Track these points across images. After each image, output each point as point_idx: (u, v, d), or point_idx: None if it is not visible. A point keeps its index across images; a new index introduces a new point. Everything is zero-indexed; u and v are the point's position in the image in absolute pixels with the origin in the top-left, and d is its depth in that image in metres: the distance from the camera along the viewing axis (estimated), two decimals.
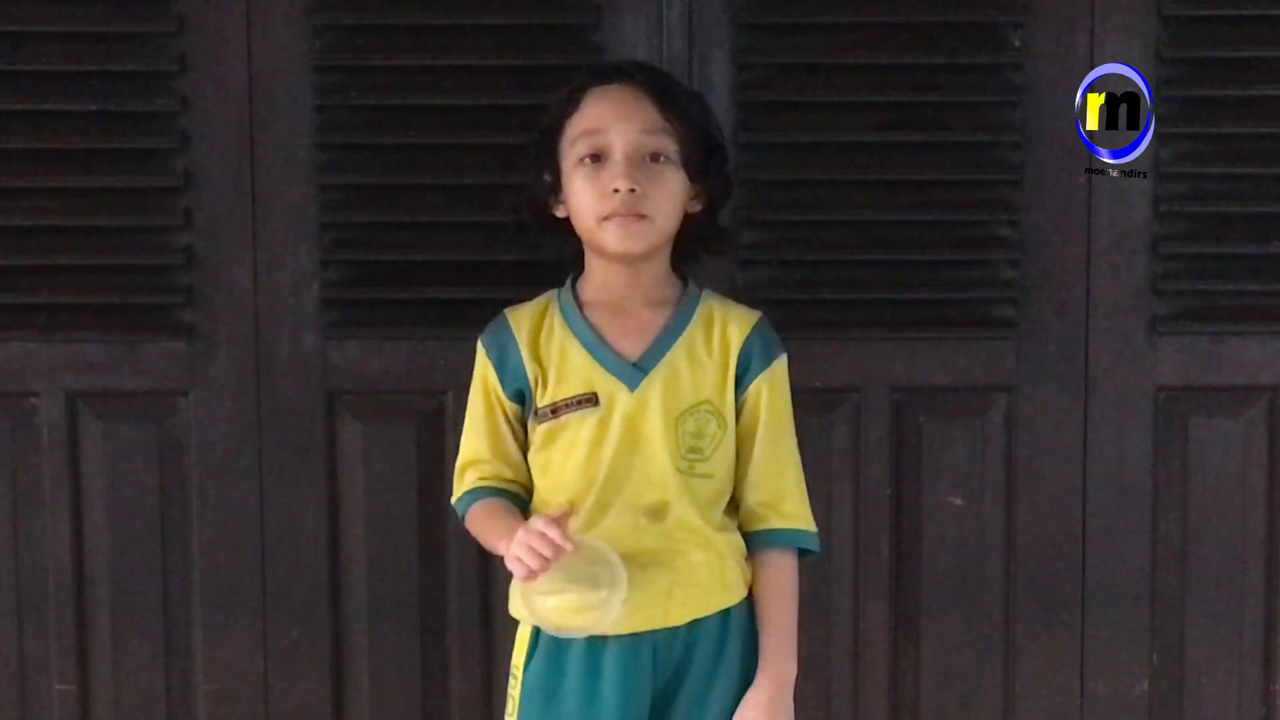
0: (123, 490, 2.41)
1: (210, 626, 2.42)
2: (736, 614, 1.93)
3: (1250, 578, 2.42)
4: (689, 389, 1.92)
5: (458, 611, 2.42)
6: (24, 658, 2.41)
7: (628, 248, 1.88)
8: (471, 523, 2.00)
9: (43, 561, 2.41)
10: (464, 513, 2.00)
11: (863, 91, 2.34)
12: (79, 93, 2.34)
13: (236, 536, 2.41)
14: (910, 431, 2.42)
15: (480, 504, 1.97)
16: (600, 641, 1.88)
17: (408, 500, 2.40)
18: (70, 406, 2.39)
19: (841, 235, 2.38)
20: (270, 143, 2.36)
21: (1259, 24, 2.34)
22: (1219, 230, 2.38)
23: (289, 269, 2.37)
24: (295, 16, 2.33)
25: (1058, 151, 2.36)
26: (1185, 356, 2.39)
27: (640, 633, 1.87)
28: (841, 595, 2.42)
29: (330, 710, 2.42)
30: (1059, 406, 2.40)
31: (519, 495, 1.99)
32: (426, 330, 2.36)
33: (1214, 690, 2.43)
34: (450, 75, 2.34)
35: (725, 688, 1.92)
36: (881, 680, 2.43)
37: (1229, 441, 2.42)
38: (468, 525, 2.01)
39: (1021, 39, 2.33)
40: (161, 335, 2.38)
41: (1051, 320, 2.39)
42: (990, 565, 2.43)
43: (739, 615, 1.93)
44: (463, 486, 1.99)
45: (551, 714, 1.90)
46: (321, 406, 2.39)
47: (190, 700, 2.43)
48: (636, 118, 1.88)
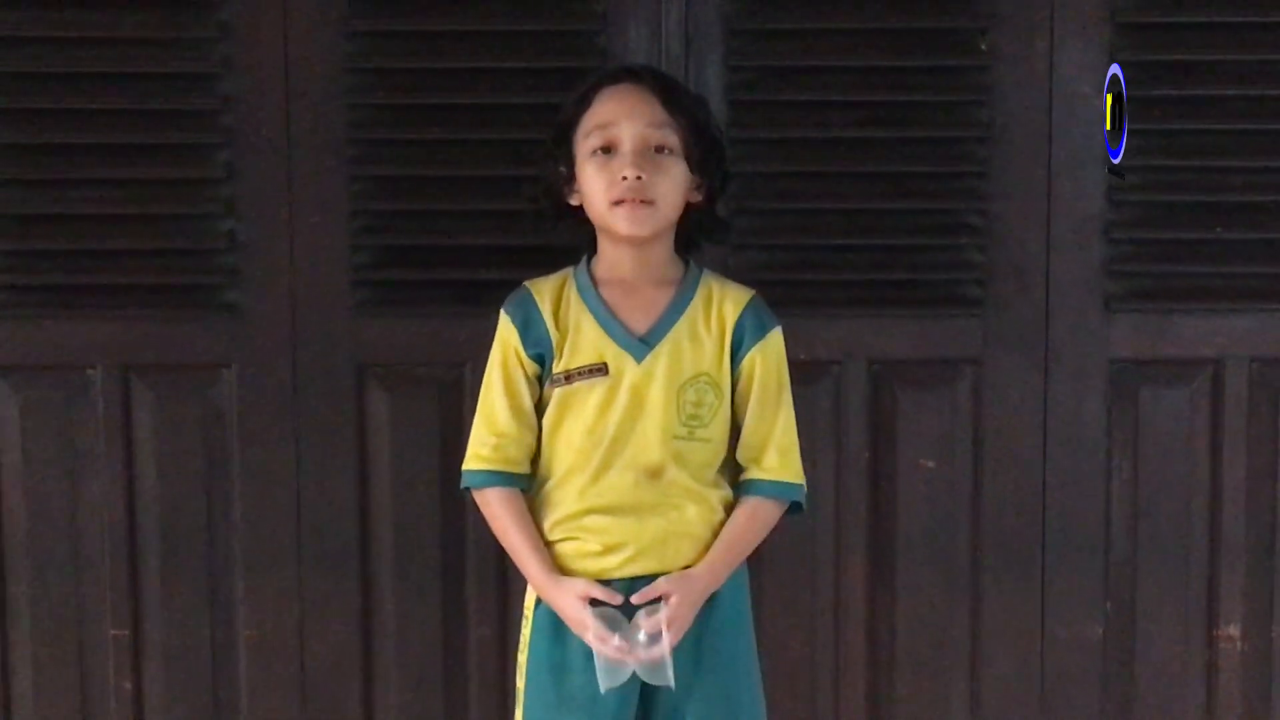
0: (170, 454, 2.51)
1: (250, 577, 2.52)
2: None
3: (1195, 532, 2.53)
4: (690, 362, 2.00)
5: (475, 562, 2.52)
6: (82, 606, 2.51)
7: (635, 231, 1.96)
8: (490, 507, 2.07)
9: (98, 519, 2.50)
10: (479, 486, 2.06)
11: (844, 92, 2.44)
12: (132, 93, 2.43)
13: (274, 496, 2.50)
14: (886, 400, 2.52)
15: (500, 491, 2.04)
16: (604, 584, 1.97)
17: (430, 462, 2.48)
18: (123, 378, 2.49)
19: (824, 222, 2.48)
20: (305, 138, 2.45)
21: (1204, 30, 2.43)
22: (1167, 217, 2.47)
23: (322, 252, 2.47)
24: (328, 23, 2.42)
25: (1020, 146, 2.45)
26: (1136, 332, 2.49)
27: (639, 576, 1.97)
28: (823, 549, 2.51)
29: (360, 653, 2.52)
30: (1021, 377, 2.50)
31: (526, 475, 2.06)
32: (447, 308, 2.46)
33: (1162, 634, 2.53)
34: (469, 77, 2.44)
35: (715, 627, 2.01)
36: (860, 626, 2.53)
37: (1175, 409, 2.52)
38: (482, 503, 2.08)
39: (988, 44, 2.43)
40: (206, 313, 2.48)
41: (1014, 299, 2.49)
42: (959, 521, 2.53)
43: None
44: (479, 460, 2.06)
45: (558, 651, 1.99)
46: (351, 378, 2.49)
47: (232, 644, 2.52)
48: (643, 114, 1.96)
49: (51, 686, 2.54)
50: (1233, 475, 2.52)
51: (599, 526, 1.99)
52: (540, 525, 2.05)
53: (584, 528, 2.00)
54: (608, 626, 1.95)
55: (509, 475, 2.03)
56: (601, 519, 1.99)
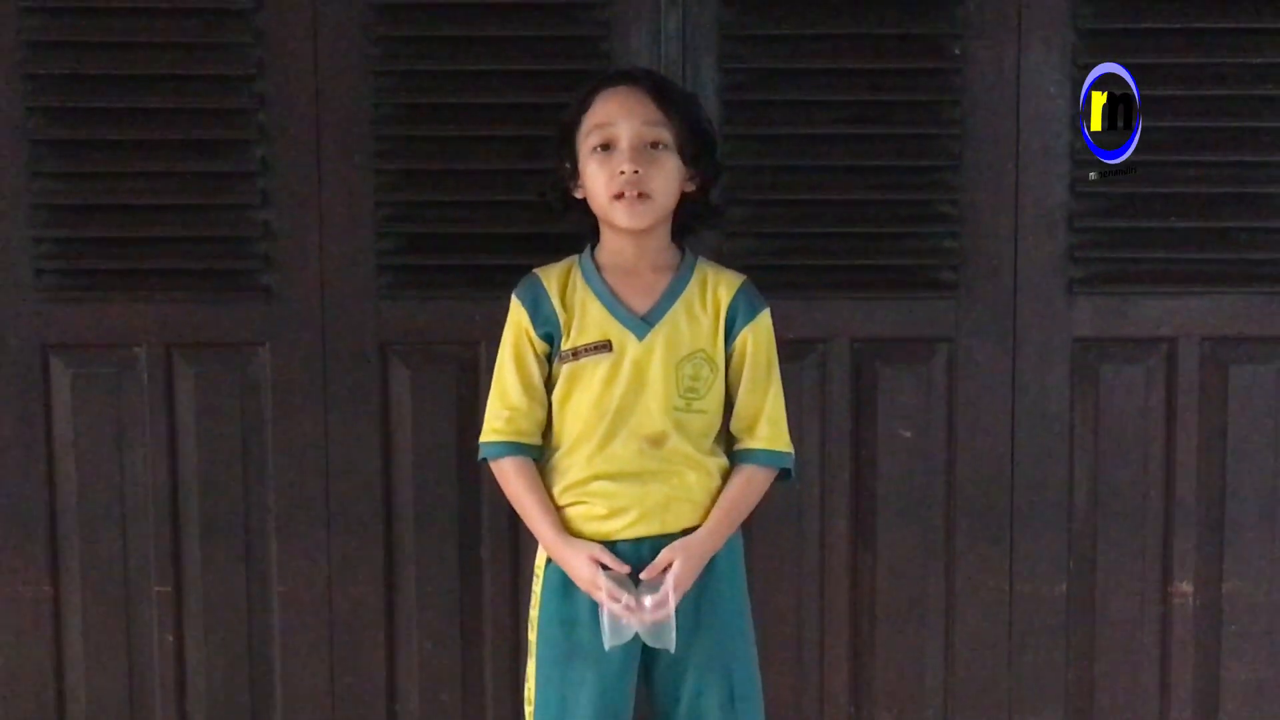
0: (210, 425, 2.56)
1: (283, 538, 2.57)
2: None
3: (1151, 497, 2.58)
4: (687, 339, 2.06)
5: (489, 524, 2.57)
6: (128, 564, 2.57)
7: (634, 224, 2.02)
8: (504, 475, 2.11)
9: (143, 484, 2.56)
10: (495, 457, 2.10)
11: (829, 92, 2.49)
12: (175, 93, 2.47)
13: (304, 463, 2.55)
14: (867, 376, 2.57)
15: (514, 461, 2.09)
16: (610, 545, 2.03)
17: (447, 432, 2.54)
18: (166, 356, 2.54)
19: (811, 212, 2.53)
20: (333, 135, 2.50)
21: (1157, 36, 2.47)
22: (1125, 207, 2.52)
23: (348, 240, 2.52)
24: (355, 29, 2.47)
25: (990, 142, 2.50)
26: (1096, 313, 2.54)
27: (643, 538, 2.03)
28: (809, 512, 2.57)
29: (383, 607, 2.58)
30: (991, 355, 2.55)
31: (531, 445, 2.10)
32: (463, 291, 2.50)
33: (1120, 591, 2.59)
34: (484, 79, 2.48)
35: (713, 588, 2.07)
36: (843, 583, 2.59)
37: (1133, 384, 2.57)
38: (497, 472, 2.12)
39: (960, 49, 2.49)
40: (242, 296, 2.52)
41: (985, 283, 2.53)
42: (934, 487, 2.58)
43: None
44: (494, 432, 2.10)
45: (567, 607, 2.05)
46: (376, 355, 2.54)
47: (266, 599, 2.58)
48: (638, 113, 2.02)
49: (100, 639, 2.59)
50: (1185, 445, 2.57)
51: (605, 491, 2.04)
52: (550, 491, 2.09)
53: (591, 493, 2.05)
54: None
55: (521, 445, 2.07)
56: (608, 485, 2.03)
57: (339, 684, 2.61)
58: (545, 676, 2.07)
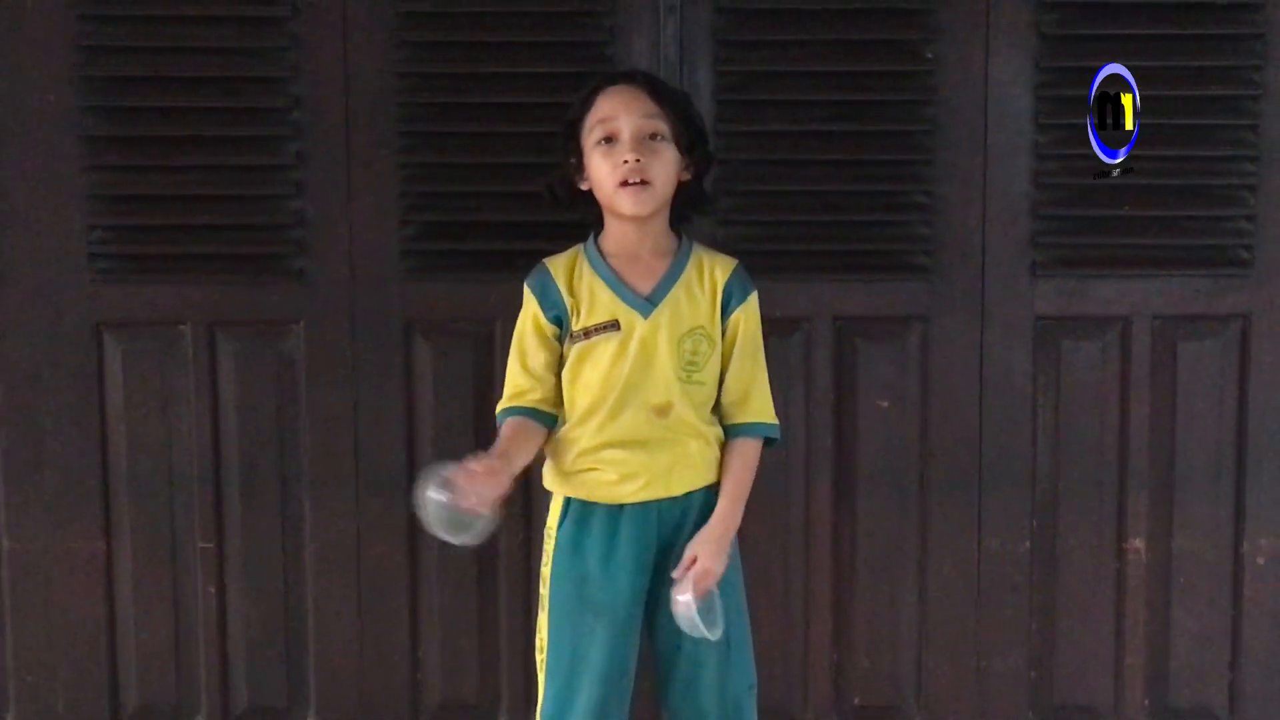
0: (248, 396, 2.60)
1: (315, 499, 2.61)
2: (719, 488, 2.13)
3: (1107, 461, 2.62)
4: (687, 317, 2.10)
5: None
6: (174, 523, 2.61)
7: (638, 210, 2.07)
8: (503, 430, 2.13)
9: (188, 450, 2.60)
10: (500, 421, 2.14)
11: (813, 93, 2.53)
12: (217, 93, 2.52)
13: (334, 431, 2.60)
14: (848, 351, 2.60)
15: (509, 420, 2.13)
16: (619, 509, 2.09)
17: (465, 402, 2.58)
18: (209, 333, 2.58)
19: (797, 202, 2.57)
20: (361, 131, 2.54)
21: (1113, 41, 2.50)
22: (1083, 197, 2.55)
23: (375, 227, 2.56)
24: (381, 35, 2.51)
25: (960, 138, 2.54)
26: (1057, 293, 2.58)
27: (649, 501, 2.09)
28: (795, 476, 2.61)
29: (406, 562, 2.62)
30: (961, 332, 2.59)
31: (540, 410, 2.14)
32: (480, 274, 2.54)
33: (1079, 546, 2.64)
34: (499, 80, 2.52)
35: None
36: (826, 540, 2.63)
37: (1090, 358, 2.60)
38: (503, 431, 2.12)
39: (932, 53, 2.53)
40: (278, 278, 2.57)
41: (955, 266, 2.57)
42: (909, 453, 2.62)
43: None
44: (506, 401, 2.15)
45: (578, 564, 2.11)
46: (400, 332, 2.58)
47: (299, 555, 2.62)
48: (637, 108, 2.07)
49: (148, 590, 2.64)
50: (1138, 414, 2.61)
51: (615, 459, 2.09)
52: (564, 459, 2.13)
53: (603, 460, 2.09)
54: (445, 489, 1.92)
55: (525, 409, 2.12)
56: (618, 452, 2.09)
57: (366, 632, 2.65)
58: (557, 627, 2.12)
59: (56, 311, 2.60)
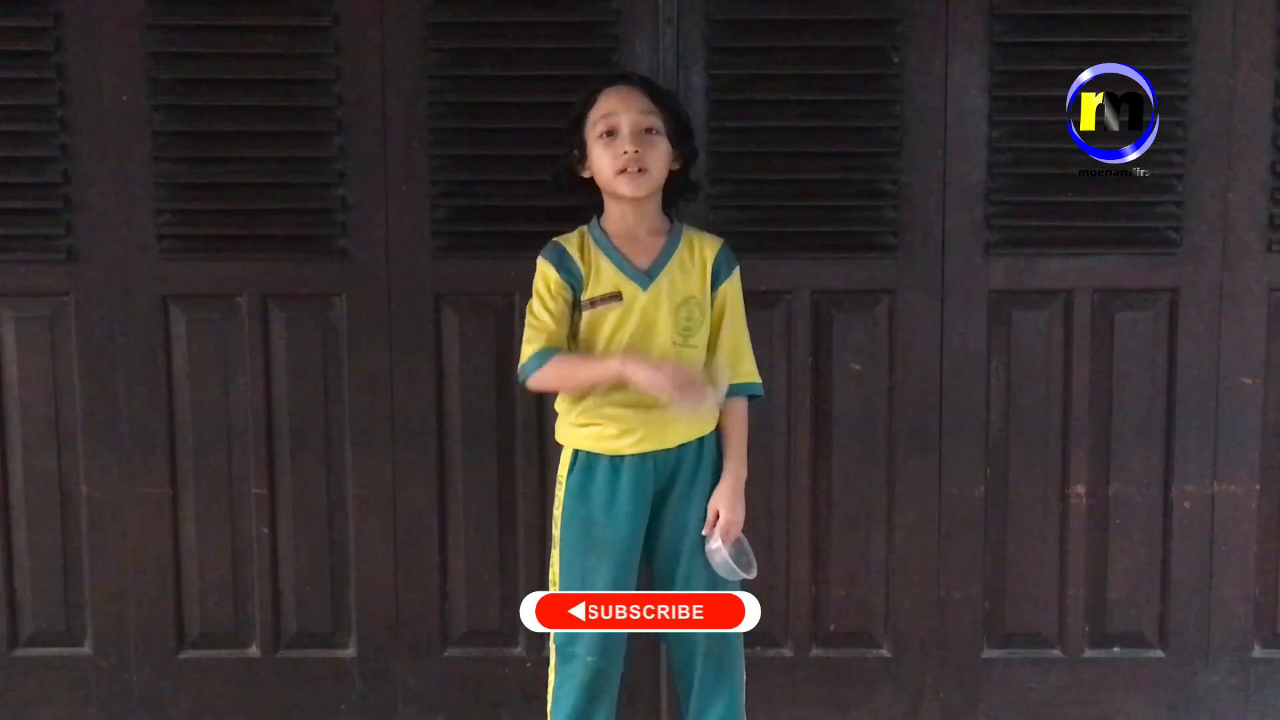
0: (297, 360, 2.71)
1: (356, 450, 2.73)
2: (708, 440, 2.27)
3: (1051, 417, 2.73)
4: (681, 288, 2.20)
5: (521, 439, 2.72)
6: (232, 471, 2.75)
7: (635, 193, 2.17)
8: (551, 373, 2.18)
9: (244, 408, 2.73)
10: (538, 366, 2.17)
11: (794, 93, 2.64)
12: (270, 93, 2.63)
13: (373, 391, 2.70)
14: (824, 320, 2.70)
15: (558, 356, 2.18)
16: (619, 460, 2.20)
17: (488, 365, 2.69)
18: (263, 304, 2.70)
19: (780, 188, 2.67)
20: (396, 127, 2.64)
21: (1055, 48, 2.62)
22: (1031, 185, 2.66)
23: (409, 211, 2.66)
24: (414, 42, 2.62)
25: (923, 133, 2.64)
26: (1008, 270, 2.69)
27: (647, 452, 2.22)
28: (777, 431, 2.72)
29: (436, 507, 2.74)
30: (924, 303, 2.69)
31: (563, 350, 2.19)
32: (501, 253, 2.64)
33: (1027, 492, 2.75)
34: (517, 82, 2.62)
35: (699, 489, 2.26)
36: (805, 487, 2.74)
37: (1037, 327, 2.70)
38: (540, 380, 2.19)
39: (899, 58, 2.63)
40: (323, 256, 2.68)
41: (919, 246, 2.67)
42: (878, 410, 2.73)
43: (710, 441, 2.27)
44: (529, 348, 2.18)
45: (585, 508, 2.22)
46: (430, 304, 2.68)
47: (341, 499, 2.75)
48: (635, 105, 2.18)
49: (210, 532, 2.76)
50: (1079, 376, 2.71)
51: (616, 415, 2.20)
52: (572, 416, 2.23)
53: (604, 415, 2.21)
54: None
55: (551, 350, 2.19)
56: (618, 410, 2.20)
57: (400, 567, 2.76)
58: (568, 562, 2.24)
59: (128, 286, 2.71)
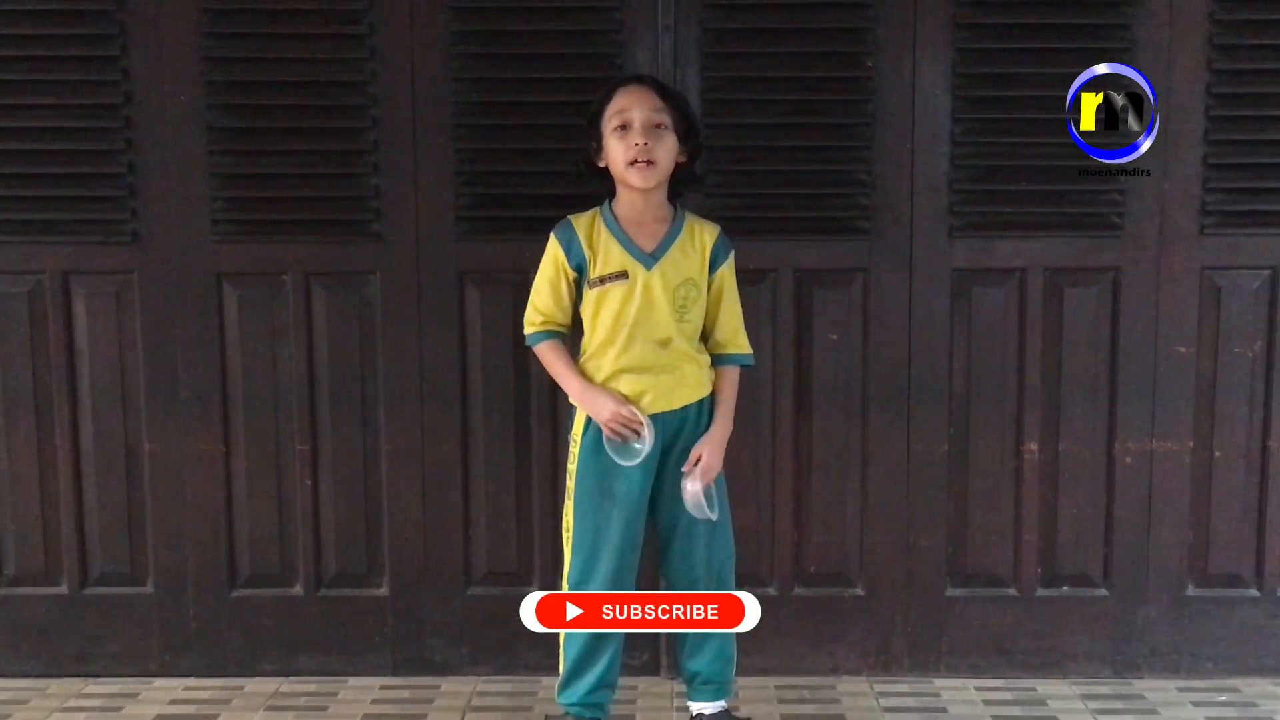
0: (337, 332, 2.92)
1: (389, 410, 2.93)
2: (707, 402, 2.47)
3: (1007, 382, 2.93)
4: (681, 270, 2.38)
5: (536, 401, 2.92)
6: (278, 431, 2.96)
7: (644, 184, 2.34)
8: (543, 353, 2.42)
9: (289, 373, 2.93)
10: (536, 342, 2.41)
11: (779, 93, 2.83)
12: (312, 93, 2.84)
13: (405, 359, 2.91)
14: (805, 295, 2.90)
15: (550, 342, 2.41)
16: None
17: (506, 337, 2.87)
18: (306, 282, 2.91)
19: (766, 178, 2.87)
20: (425, 123, 2.84)
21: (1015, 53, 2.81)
22: (989, 176, 2.85)
23: (436, 199, 2.86)
24: (440, 48, 2.81)
25: (893, 129, 2.83)
26: (969, 251, 2.89)
27: (654, 413, 2.40)
28: (764, 394, 2.91)
29: (459, 463, 2.95)
30: (894, 281, 2.88)
31: (563, 334, 2.41)
32: (519, 236, 2.80)
33: (986, 448, 2.95)
34: (532, 83, 2.83)
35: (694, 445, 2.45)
36: (788, 444, 2.95)
37: (995, 302, 2.91)
38: (538, 352, 2.43)
39: (871, 62, 2.82)
40: (360, 239, 2.89)
41: (890, 229, 2.87)
42: (853, 376, 2.92)
43: (708, 403, 2.47)
44: (534, 326, 2.42)
45: (598, 463, 2.41)
46: (455, 282, 2.90)
47: (375, 455, 2.96)
48: (647, 103, 2.36)
49: (259, 484, 2.98)
50: (1032, 345, 2.91)
51: (628, 380, 2.40)
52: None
53: (618, 381, 2.40)
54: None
55: (552, 331, 2.41)
56: (629, 376, 2.39)
57: (429, 516, 2.97)
58: (582, 511, 2.43)
59: (186, 265, 2.92)
